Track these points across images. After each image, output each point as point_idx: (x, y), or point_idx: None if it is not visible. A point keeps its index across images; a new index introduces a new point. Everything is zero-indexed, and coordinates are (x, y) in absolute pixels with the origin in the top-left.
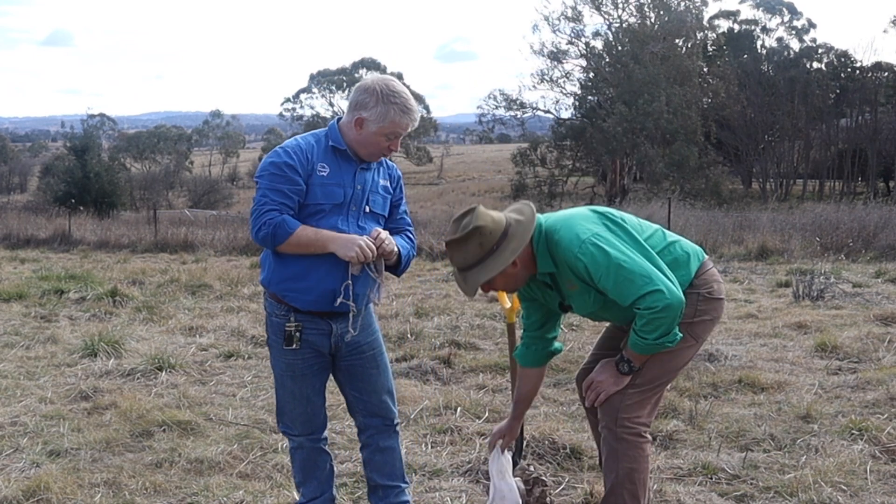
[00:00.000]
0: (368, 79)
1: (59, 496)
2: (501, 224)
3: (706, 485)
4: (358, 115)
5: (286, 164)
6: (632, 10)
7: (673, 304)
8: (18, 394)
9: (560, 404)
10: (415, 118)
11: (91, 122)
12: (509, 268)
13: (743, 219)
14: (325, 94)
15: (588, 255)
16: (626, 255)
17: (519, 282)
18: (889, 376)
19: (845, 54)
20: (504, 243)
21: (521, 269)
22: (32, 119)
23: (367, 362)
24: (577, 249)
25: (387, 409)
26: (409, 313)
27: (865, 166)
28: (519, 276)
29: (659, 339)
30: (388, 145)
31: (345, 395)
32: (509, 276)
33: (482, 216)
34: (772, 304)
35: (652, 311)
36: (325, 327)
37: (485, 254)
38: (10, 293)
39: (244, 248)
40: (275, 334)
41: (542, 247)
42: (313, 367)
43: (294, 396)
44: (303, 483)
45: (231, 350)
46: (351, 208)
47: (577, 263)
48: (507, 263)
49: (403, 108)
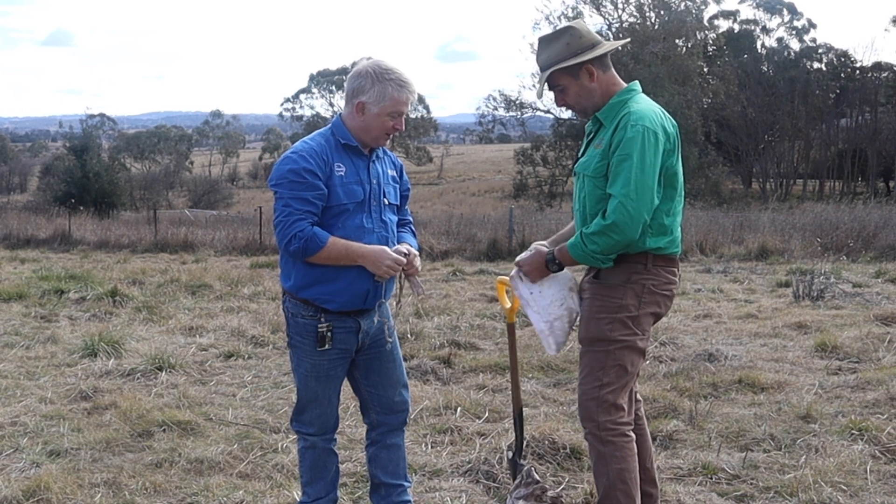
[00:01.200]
0: (359, 65)
1: (59, 496)
2: (594, 37)
3: (706, 485)
4: (357, 101)
5: (306, 170)
6: (632, 10)
7: (627, 230)
8: (18, 394)
9: (560, 404)
10: (412, 90)
11: (91, 122)
12: (586, 79)
13: (743, 219)
14: (325, 94)
15: (635, 134)
16: (648, 170)
17: (588, 101)
18: (889, 376)
19: (845, 54)
20: (589, 51)
21: (594, 88)
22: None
23: (385, 356)
24: (637, 122)
25: (403, 402)
26: (409, 313)
27: (865, 166)
28: (591, 95)
29: (596, 254)
30: (393, 125)
31: (359, 393)
32: (583, 88)
33: (579, 23)
34: (772, 304)
35: (609, 221)
36: (354, 325)
37: (569, 54)
38: (10, 293)
39: (244, 248)
40: (300, 335)
41: (624, 97)
42: (337, 367)
43: (317, 397)
44: (309, 483)
45: (231, 350)
46: (372, 204)
47: (622, 131)
48: (584, 60)
49: (399, 83)
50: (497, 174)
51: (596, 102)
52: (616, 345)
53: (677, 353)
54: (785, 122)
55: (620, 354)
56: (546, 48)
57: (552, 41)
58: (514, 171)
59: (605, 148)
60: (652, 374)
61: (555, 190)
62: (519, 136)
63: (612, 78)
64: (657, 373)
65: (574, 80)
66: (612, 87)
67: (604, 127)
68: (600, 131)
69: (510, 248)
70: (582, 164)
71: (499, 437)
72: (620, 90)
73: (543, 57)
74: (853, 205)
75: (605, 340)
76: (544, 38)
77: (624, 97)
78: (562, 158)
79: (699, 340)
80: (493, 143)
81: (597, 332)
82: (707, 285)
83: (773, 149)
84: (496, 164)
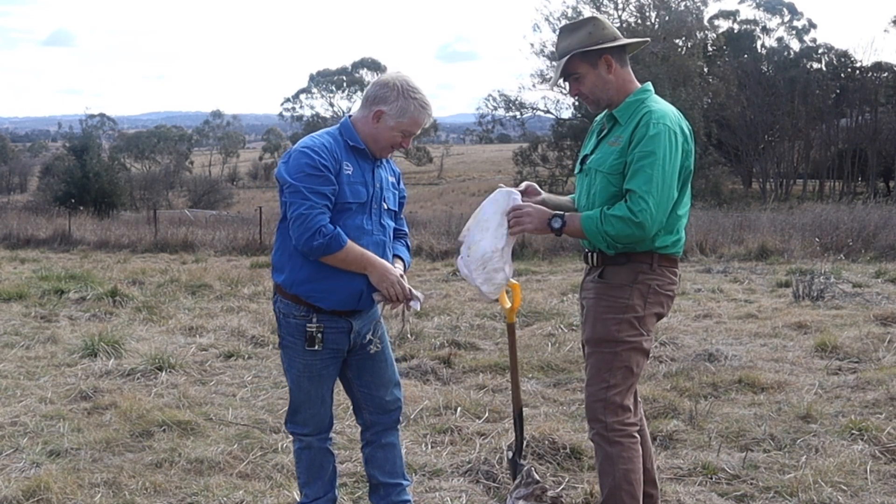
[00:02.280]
0: (387, 75)
1: (59, 496)
2: (615, 32)
3: (706, 485)
4: (377, 109)
5: (322, 165)
6: (632, 11)
7: (647, 226)
8: (18, 394)
9: (560, 404)
10: (430, 114)
11: (91, 122)
12: (604, 69)
13: (743, 219)
14: (325, 94)
15: (658, 132)
16: (669, 169)
17: (602, 93)
18: (889, 376)
19: (845, 54)
20: (610, 43)
21: (610, 80)
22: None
23: (377, 356)
24: (658, 121)
25: (395, 401)
26: (409, 313)
27: (865, 166)
28: (606, 87)
29: (608, 236)
30: (402, 141)
31: (352, 394)
32: (600, 78)
33: (601, 17)
34: (772, 304)
35: (630, 214)
36: (346, 325)
37: (591, 42)
38: (10, 293)
39: (244, 248)
40: (292, 335)
41: (640, 96)
42: (330, 367)
43: (310, 397)
44: (307, 484)
45: (231, 350)
46: (373, 206)
47: (644, 128)
48: (605, 46)
49: (422, 104)
50: (497, 174)
51: (610, 95)
52: (623, 346)
53: (677, 353)
54: (785, 122)
55: (627, 356)
56: (567, 36)
57: (574, 30)
58: (514, 171)
59: (623, 145)
60: (652, 374)
61: (555, 190)
62: (519, 137)
63: (629, 75)
64: (657, 373)
65: (592, 69)
66: (628, 85)
67: (619, 124)
68: (615, 128)
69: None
70: (595, 161)
71: (499, 437)
72: (637, 89)
73: (564, 44)
74: (853, 205)
75: (612, 341)
76: (566, 27)
77: (641, 96)
78: (562, 158)
79: (699, 340)
80: (493, 143)
81: (604, 333)
82: (707, 285)
83: (773, 149)
84: (496, 164)
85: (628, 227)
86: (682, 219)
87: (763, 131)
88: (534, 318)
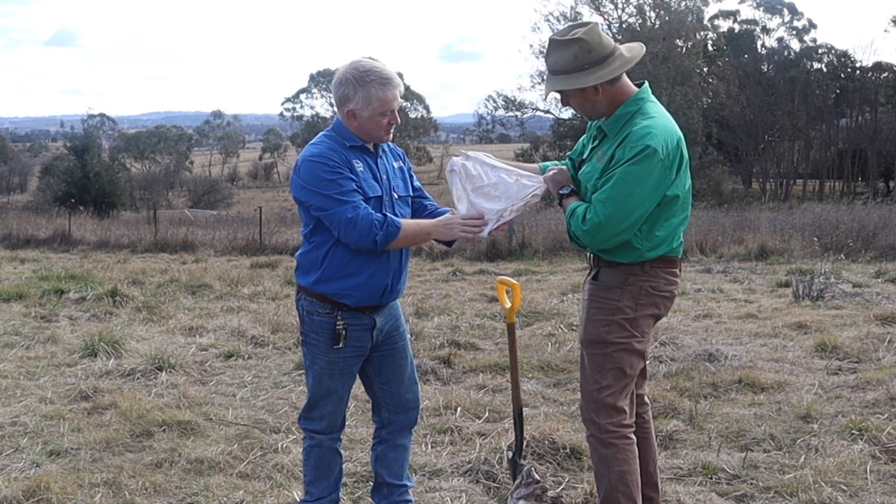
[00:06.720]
0: (339, 71)
1: (59, 496)
2: (606, 49)
3: (706, 485)
4: (347, 109)
5: (336, 166)
6: (632, 11)
7: (593, 237)
8: (18, 394)
9: (560, 404)
10: (396, 84)
11: (91, 122)
12: (591, 92)
13: (743, 219)
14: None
15: (635, 153)
16: (637, 189)
17: (592, 111)
18: (889, 376)
19: (845, 54)
20: (597, 67)
21: (599, 100)
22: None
23: (398, 353)
24: (638, 141)
25: (414, 399)
26: (409, 313)
27: (865, 166)
28: (595, 106)
29: (568, 227)
30: (388, 121)
31: (371, 391)
32: (587, 100)
33: (592, 32)
34: (772, 304)
35: (580, 221)
36: (369, 322)
37: (576, 67)
38: (10, 293)
39: (244, 248)
40: (316, 332)
41: (630, 108)
42: (352, 365)
43: (329, 394)
44: (313, 482)
45: (231, 350)
46: (385, 198)
47: (622, 150)
48: (587, 86)
49: (381, 81)
50: None
51: (601, 112)
52: (613, 347)
53: (677, 353)
54: (785, 122)
55: (618, 357)
56: (555, 51)
57: (562, 47)
58: None
59: (606, 162)
60: (652, 374)
61: None
62: (519, 137)
63: (621, 87)
64: (657, 373)
65: (580, 92)
66: (620, 97)
67: (608, 138)
68: (604, 141)
69: (510, 249)
70: (585, 174)
71: (499, 437)
72: (627, 100)
73: (551, 61)
74: (853, 205)
75: (601, 343)
76: (555, 40)
77: (631, 108)
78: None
79: (699, 340)
80: (492, 144)
81: (594, 335)
82: (707, 285)
83: (773, 149)
84: None
85: (578, 230)
86: (673, 228)
87: (763, 131)
88: (534, 318)
